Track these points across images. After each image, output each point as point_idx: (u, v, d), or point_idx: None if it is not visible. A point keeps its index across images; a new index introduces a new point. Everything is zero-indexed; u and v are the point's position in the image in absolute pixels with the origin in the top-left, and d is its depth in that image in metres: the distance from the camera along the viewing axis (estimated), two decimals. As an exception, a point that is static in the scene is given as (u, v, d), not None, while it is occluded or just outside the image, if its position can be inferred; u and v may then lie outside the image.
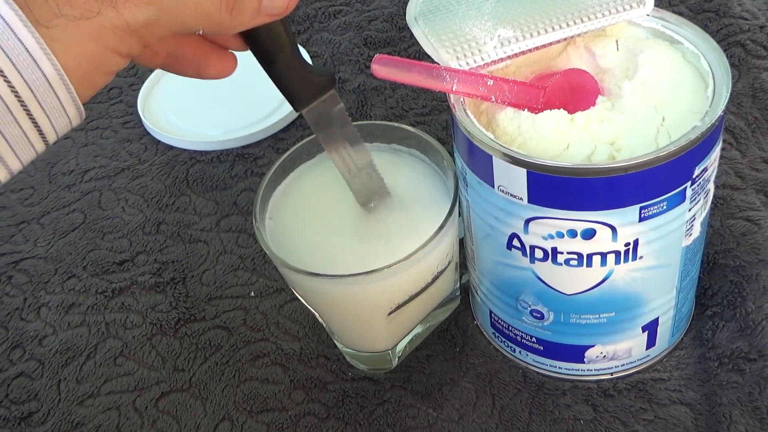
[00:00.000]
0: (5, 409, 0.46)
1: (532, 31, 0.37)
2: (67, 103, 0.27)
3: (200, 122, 0.62)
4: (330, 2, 0.72)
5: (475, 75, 0.37)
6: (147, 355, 0.48)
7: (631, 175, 0.33)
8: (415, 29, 0.38)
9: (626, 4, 0.38)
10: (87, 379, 0.47)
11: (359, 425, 0.43)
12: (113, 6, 0.27)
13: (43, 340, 0.50)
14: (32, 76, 0.25)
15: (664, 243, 0.37)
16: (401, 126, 0.44)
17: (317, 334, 0.47)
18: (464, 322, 0.47)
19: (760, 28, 0.58)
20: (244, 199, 0.57)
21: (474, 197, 0.38)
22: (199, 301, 0.50)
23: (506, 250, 0.38)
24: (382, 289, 0.40)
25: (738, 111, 0.54)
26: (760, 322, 0.42)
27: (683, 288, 0.41)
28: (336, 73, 0.65)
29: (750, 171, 0.51)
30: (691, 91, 0.36)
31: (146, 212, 0.57)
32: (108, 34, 0.27)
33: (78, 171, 0.61)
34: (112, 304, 0.51)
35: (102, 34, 0.27)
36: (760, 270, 0.44)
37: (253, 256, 0.53)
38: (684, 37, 0.38)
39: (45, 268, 0.54)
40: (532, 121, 0.36)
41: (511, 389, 0.43)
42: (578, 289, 0.38)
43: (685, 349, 0.44)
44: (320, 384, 0.45)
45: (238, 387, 0.45)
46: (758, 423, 0.39)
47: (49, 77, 0.26)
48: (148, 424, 0.44)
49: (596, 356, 0.42)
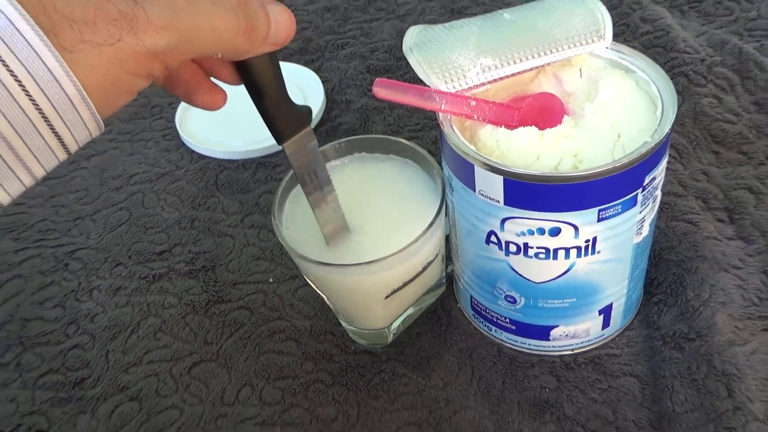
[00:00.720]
0: (62, 375, 0.46)
1: (509, 61, 0.37)
2: (87, 119, 0.26)
3: (228, 136, 0.62)
4: (338, 36, 0.72)
5: (460, 97, 0.37)
6: (181, 331, 0.48)
7: (591, 183, 0.33)
8: (410, 58, 0.38)
9: (588, 38, 0.38)
10: (131, 351, 0.47)
11: (359, 391, 0.43)
12: (134, 33, 0.25)
13: (95, 318, 0.50)
14: (55, 95, 0.24)
15: (618, 240, 0.37)
16: (398, 139, 0.44)
17: (325, 314, 0.48)
18: (449, 305, 0.47)
19: (701, 61, 0.59)
20: (264, 200, 0.57)
21: (458, 200, 0.39)
22: (226, 286, 0.50)
23: (485, 244, 0.38)
24: (380, 277, 0.40)
25: (681, 130, 0.55)
26: (698, 308, 0.42)
27: (634, 278, 0.41)
28: (343, 96, 0.65)
29: (691, 181, 0.51)
30: (643, 113, 0.36)
31: (182, 211, 0.57)
32: (129, 59, 0.26)
33: (125, 176, 0.61)
34: (152, 288, 0.51)
35: (123, 59, 0.25)
36: (699, 264, 0.44)
37: (272, 248, 0.53)
38: (637, 67, 0.38)
39: (96, 257, 0.54)
40: (508, 136, 0.36)
41: (487, 362, 0.43)
42: (545, 278, 0.38)
43: (634, 329, 0.44)
44: (327, 356, 0.45)
45: (258, 358, 0.46)
46: (695, 393, 0.39)
47: (71, 97, 0.25)
48: (181, 389, 0.44)
49: (560, 335, 0.42)
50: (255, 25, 0.29)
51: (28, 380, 0.46)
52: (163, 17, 0.26)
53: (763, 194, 0.50)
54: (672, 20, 0.64)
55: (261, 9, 0.30)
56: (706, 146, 0.54)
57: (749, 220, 0.48)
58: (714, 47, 0.60)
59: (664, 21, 0.63)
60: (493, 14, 0.40)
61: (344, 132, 0.62)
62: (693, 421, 0.38)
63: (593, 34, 0.38)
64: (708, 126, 0.55)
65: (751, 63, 0.57)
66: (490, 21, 0.39)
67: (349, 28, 0.73)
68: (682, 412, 0.38)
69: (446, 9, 0.73)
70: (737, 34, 0.62)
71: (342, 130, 0.62)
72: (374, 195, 0.43)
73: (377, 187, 0.43)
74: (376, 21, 0.73)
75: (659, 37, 0.62)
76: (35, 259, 0.55)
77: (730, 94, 0.57)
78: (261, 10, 0.30)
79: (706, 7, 0.67)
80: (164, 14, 0.26)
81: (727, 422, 0.37)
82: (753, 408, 0.37)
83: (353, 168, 0.45)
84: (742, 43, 0.60)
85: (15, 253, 0.55)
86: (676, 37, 0.61)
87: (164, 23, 0.26)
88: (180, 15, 0.26)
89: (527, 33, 0.38)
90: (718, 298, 0.42)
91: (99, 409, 0.44)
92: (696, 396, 0.39)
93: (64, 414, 0.44)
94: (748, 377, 0.39)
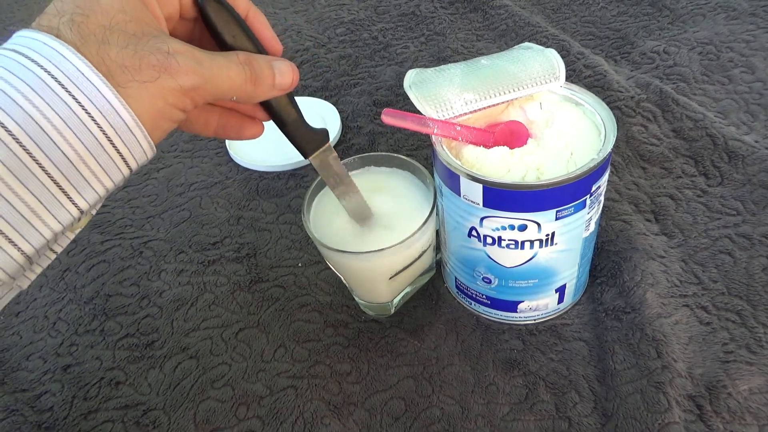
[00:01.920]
0: (137, 339, 0.46)
1: (486, 96, 0.37)
2: (141, 140, 0.26)
3: (266, 154, 0.61)
4: (351, 77, 0.72)
5: (448, 123, 0.36)
6: (230, 304, 0.47)
7: (551, 190, 0.33)
8: (409, 93, 0.37)
9: (546, 79, 0.38)
10: (191, 320, 0.46)
11: (369, 351, 0.42)
12: (169, 74, 0.26)
13: (162, 294, 0.49)
14: (115, 121, 0.25)
15: (571, 234, 0.36)
16: (399, 156, 0.43)
17: (342, 291, 0.47)
18: (438, 284, 0.46)
19: (631, 98, 0.58)
20: (295, 203, 0.56)
21: (446, 202, 0.38)
22: (264, 269, 0.50)
23: (467, 237, 0.38)
24: (385, 262, 0.39)
25: (617, 151, 0.54)
26: (632, 288, 0.41)
27: (582, 264, 0.40)
28: (355, 123, 0.64)
29: (625, 189, 0.51)
30: (590, 136, 0.36)
31: (230, 211, 0.56)
32: (167, 93, 0.26)
33: (186, 183, 0.61)
34: (208, 271, 0.50)
35: (163, 93, 0.26)
36: (632, 254, 0.44)
37: (301, 240, 0.52)
38: (585, 101, 0.38)
39: (164, 246, 0.53)
40: (485, 153, 0.36)
41: (468, 329, 0.43)
42: (514, 264, 0.38)
43: (583, 304, 0.43)
44: (343, 324, 0.44)
45: (290, 325, 0.45)
46: (632, 354, 0.38)
47: (127, 122, 0.25)
48: (230, 349, 0.44)
49: (525, 308, 0.41)
50: (260, 76, 0.30)
51: (110, 343, 0.46)
52: (190, 64, 0.27)
53: (680, 200, 0.49)
54: (608, 67, 0.63)
55: (266, 64, 0.30)
56: (636, 163, 0.53)
57: (671, 220, 0.47)
58: (641, 87, 0.59)
59: (602, 67, 0.62)
60: (473, 60, 0.39)
61: (356, 150, 0.61)
62: (630, 376, 0.37)
63: (550, 75, 0.38)
64: (637, 148, 0.54)
65: (669, 99, 0.57)
66: (471, 65, 0.38)
67: (360, 71, 0.73)
68: (621, 369, 0.38)
69: (435, 57, 0.73)
70: (658, 78, 0.62)
71: (354, 149, 0.61)
72: (381, 199, 0.42)
73: (383, 193, 0.43)
74: (380, 66, 0.73)
75: (599, 80, 0.61)
76: (116, 248, 0.54)
77: (654, 123, 0.56)
78: (266, 65, 0.30)
79: (633, 57, 0.66)
80: (190, 62, 0.27)
81: (657, 378, 0.36)
82: (677, 366, 0.37)
83: (364, 178, 0.44)
84: (662, 84, 0.59)
85: (101, 243, 0.55)
86: (611, 80, 0.60)
87: (191, 68, 0.27)
88: (203, 64, 0.27)
89: (499, 75, 0.37)
90: (648, 280, 0.41)
91: (165, 365, 0.43)
92: (632, 357, 0.38)
93: (138, 369, 0.43)
94: (673, 342, 0.38)
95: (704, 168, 0.51)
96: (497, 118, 0.39)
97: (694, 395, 0.36)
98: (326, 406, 0.39)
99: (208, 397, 0.41)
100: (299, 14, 0.87)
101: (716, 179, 0.50)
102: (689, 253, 0.44)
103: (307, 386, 0.41)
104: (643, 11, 0.74)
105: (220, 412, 0.40)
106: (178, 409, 0.40)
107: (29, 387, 0.43)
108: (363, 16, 0.83)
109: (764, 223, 0.45)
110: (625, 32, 0.71)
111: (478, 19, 0.78)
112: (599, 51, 0.69)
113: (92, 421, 0.40)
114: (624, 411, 0.36)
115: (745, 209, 0.47)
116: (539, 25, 0.73)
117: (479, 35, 0.76)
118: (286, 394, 0.40)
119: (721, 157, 0.51)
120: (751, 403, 0.35)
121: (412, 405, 0.39)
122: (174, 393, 0.41)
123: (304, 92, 0.71)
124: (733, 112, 0.56)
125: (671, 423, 0.34)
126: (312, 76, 0.73)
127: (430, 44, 0.75)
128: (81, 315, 0.48)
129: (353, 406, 0.39)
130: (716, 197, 0.49)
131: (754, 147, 0.51)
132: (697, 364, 0.38)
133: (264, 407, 0.40)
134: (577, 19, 0.75)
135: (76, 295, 0.50)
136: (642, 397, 0.36)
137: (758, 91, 0.58)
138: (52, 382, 0.43)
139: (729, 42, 0.64)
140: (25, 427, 0.41)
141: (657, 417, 0.34)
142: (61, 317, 0.48)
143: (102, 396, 0.42)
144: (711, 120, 0.54)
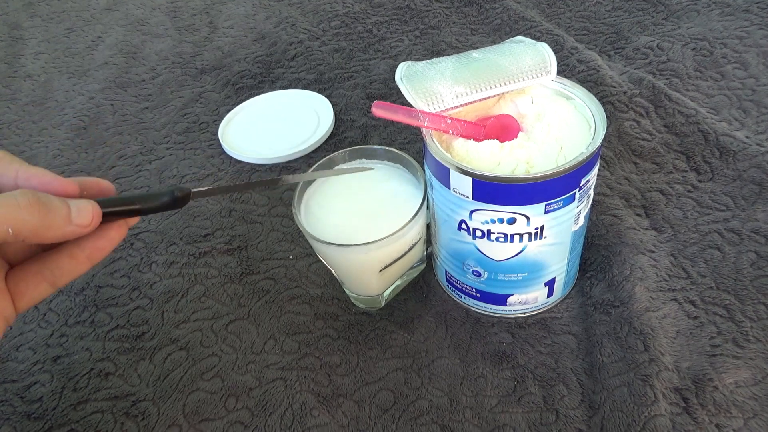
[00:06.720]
0: (127, 330, 0.46)
1: (477, 89, 0.37)
2: None
3: (258, 146, 0.61)
4: (345, 70, 0.72)
5: (439, 116, 0.36)
6: (221, 296, 0.47)
7: (540, 183, 0.33)
8: (401, 86, 0.37)
9: (538, 73, 0.38)
10: (181, 311, 0.46)
11: (359, 344, 0.42)
12: None
13: (153, 285, 0.49)
14: None
15: (560, 228, 0.36)
16: (391, 149, 0.43)
17: (332, 283, 0.47)
18: (428, 277, 0.46)
19: (624, 93, 0.58)
20: (287, 195, 0.56)
21: (437, 195, 0.38)
22: (255, 261, 0.50)
23: (457, 230, 0.38)
24: (375, 255, 0.39)
25: (608, 146, 0.54)
26: (620, 282, 0.41)
27: (572, 258, 0.40)
28: (348, 116, 0.64)
29: (615, 184, 0.51)
30: (580, 130, 0.36)
31: (222, 203, 0.56)
32: None
33: (179, 175, 0.60)
34: (198, 262, 0.50)
35: None
36: (621, 248, 0.44)
37: (292, 233, 0.52)
38: (575, 96, 0.38)
39: (155, 238, 0.53)
40: (476, 147, 0.36)
41: (458, 322, 0.43)
42: (504, 257, 0.38)
43: (572, 298, 0.43)
44: (334, 316, 0.44)
45: (280, 317, 0.45)
46: (619, 347, 0.38)
47: None
48: (220, 341, 0.44)
49: (514, 302, 0.41)
50: (48, 206, 0.26)
51: (100, 334, 0.46)
52: None
53: (671, 195, 0.49)
54: (601, 62, 0.63)
55: (56, 198, 0.27)
56: (628, 158, 0.53)
57: (660, 215, 0.48)
58: (633, 83, 0.59)
59: (596, 62, 0.62)
60: (465, 54, 0.39)
61: (349, 143, 0.61)
62: (617, 369, 0.37)
63: (542, 69, 0.38)
64: (629, 143, 0.54)
65: (662, 95, 0.57)
66: (463, 59, 0.38)
67: (353, 64, 0.72)
68: (609, 362, 0.38)
69: (429, 51, 0.73)
70: (651, 73, 0.62)
71: (347, 142, 0.61)
72: (372, 191, 0.42)
73: (374, 186, 0.43)
74: (374, 59, 0.73)
75: (591, 75, 0.61)
76: (108, 240, 0.54)
77: (646, 119, 0.56)
78: (55, 198, 0.27)
79: (627, 53, 0.66)
80: None
81: (644, 371, 0.36)
82: (664, 360, 0.37)
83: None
84: (655, 80, 0.59)
85: (92, 235, 0.54)
86: (604, 75, 0.60)
87: None
88: None
89: (491, 68, 0.37)
90: (637, 274, 0.42)
91: (155, 356, 0.43)
92: (620, 350, 0.38)
93: (128, 360, 0.43)
94: (660, 336, 0.38)
95: (695, 163, 0.51)
96: (488, 111, 0.39)
97: (681, 388, 0.36)
98: (315, 398, 0.39)
99: (197, 389, 0.41)
100: (294, 6, 0.87)
101: (707, 175, 0.50)
102: (678, 248, 0.45)
103: (297, 378, 0.41)
104: (637, 7, 0.74)
105: (210, 403, 0.40)
106: (167, 400, 0.40)
107: (19, 378, 0.43)
108: (358, 9, 0.82)
109: (753, 219, 0.46)
110: (619, 27, 0.71)
111: (473, 13, 0.78)
112: (593, 46, 0.69)
113: (81, 411, 0.41)
114: (611, 403, 0.36)
115: (735, 204, 0.47)
116: (534, 19, 0.73)
117: (474, 29, 0.75)
118: (275, 386, 0.40)
119: (713, 152, 0.52)
120: (736, 396, 0.36)
121: (401, 397, 0.39)
122: (164, 384, 0.41)
123: (298, 85, 0.70)
124: (726, 108, 0.56)
125: (657, 415, 0.34)
126: (306, 69, 0.73)
127: (424, 38, 0.75)
128: (71, 306, 0.48)
129: (342, 398, 0.39)
130: (707, 192, 0.49)
131: (746, 143, 0.51)
132: (684, 358, 0.38)
133: (253, 399, 0.40)
134: (572, 14, 0.75)
135: (67, 286, 0.50)
136: (629, 390, 0.36)
137: (751, 87, 0.58)
138: (41, 372, 0.43)
139: (722, 38, 0.64)
140: (14, 417, 0.41)
141: (643, 409, 0.35)
142: (51, 308, 0.48)
143: (91, 387, 0.42)
144: (703, 116, 0.54)
